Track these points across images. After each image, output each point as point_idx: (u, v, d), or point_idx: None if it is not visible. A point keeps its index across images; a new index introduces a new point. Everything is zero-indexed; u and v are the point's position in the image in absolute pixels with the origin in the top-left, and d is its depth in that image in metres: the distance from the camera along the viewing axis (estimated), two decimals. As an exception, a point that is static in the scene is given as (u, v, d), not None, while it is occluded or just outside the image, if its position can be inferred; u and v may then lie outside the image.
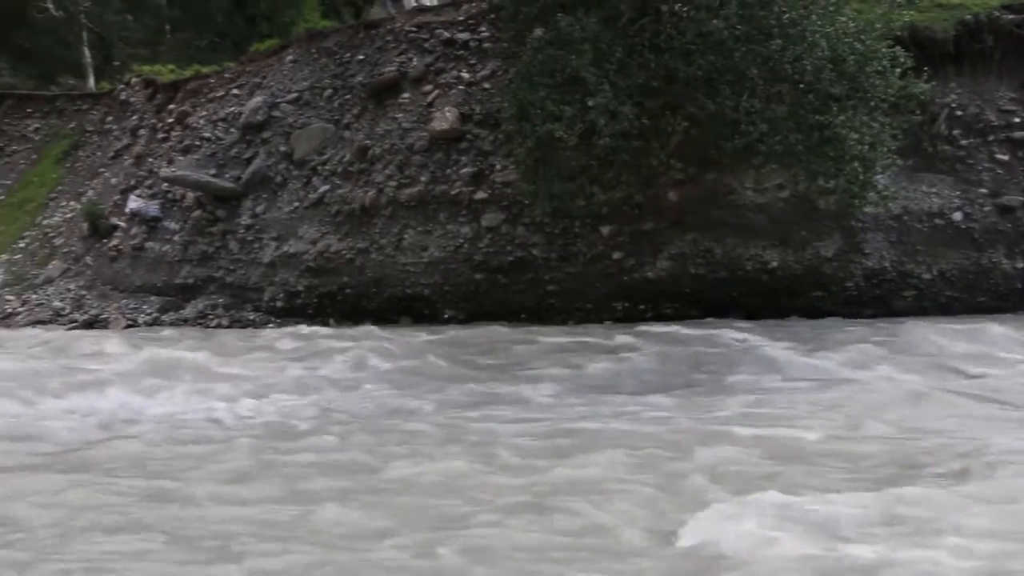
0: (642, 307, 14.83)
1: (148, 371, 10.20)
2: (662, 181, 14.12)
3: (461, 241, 15.19)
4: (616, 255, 14.69)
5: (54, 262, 20.74)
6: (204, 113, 19.10)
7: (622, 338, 11.74)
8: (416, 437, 7.09)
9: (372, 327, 14.37)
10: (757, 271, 14.38)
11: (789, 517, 4.24)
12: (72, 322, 18.79)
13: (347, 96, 17.02)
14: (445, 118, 15.38)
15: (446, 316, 15.42)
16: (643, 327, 12.78)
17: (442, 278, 15.38)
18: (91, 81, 29.04)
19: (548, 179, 13.61)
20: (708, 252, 14.48)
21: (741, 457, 5.87)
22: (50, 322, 19.10)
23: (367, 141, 16.22)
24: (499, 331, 13.21)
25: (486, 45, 15.82)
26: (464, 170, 15.23)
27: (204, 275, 17.94)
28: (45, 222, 22.03)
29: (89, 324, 18.20)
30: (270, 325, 16.42)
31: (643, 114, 13.10)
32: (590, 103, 12.71)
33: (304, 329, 14.80)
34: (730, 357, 10.57)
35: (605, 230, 14.60)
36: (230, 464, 6.36)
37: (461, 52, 15.96)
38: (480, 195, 15.09)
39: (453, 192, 15.25)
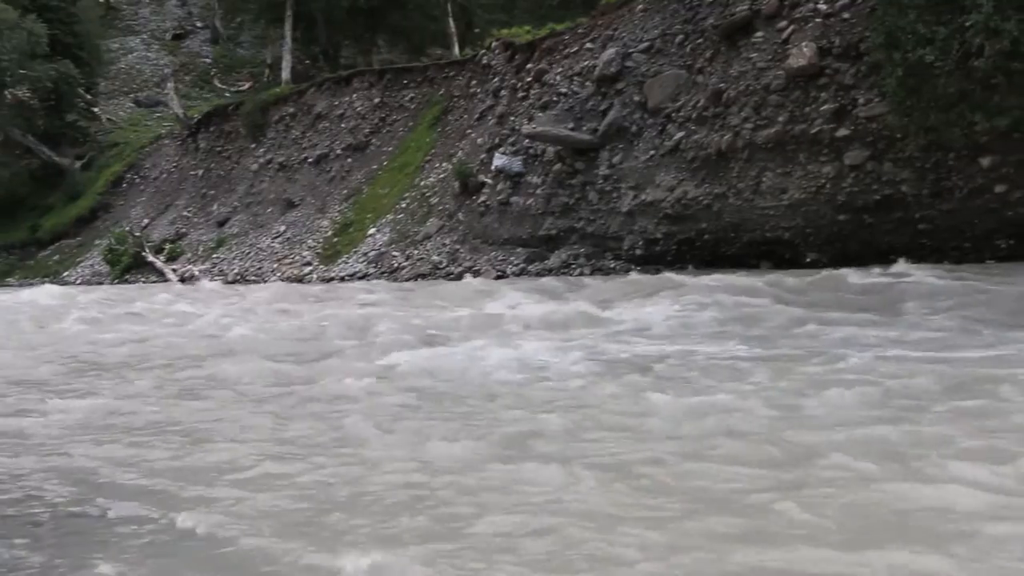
0: (1031, 244, 13.50)
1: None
2: (1054, 103, 12.68)
3: (823, 181, 14.61)
4: (998, 188, 13.42)
5: (431, 219, 22.57)
6: (560, 69, 19.80)
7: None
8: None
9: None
10: None
11: None
12: (448, 274, 20.41)
13: (699, 40, 16.89)
14: (802, 54, 14.77)
15: (808, 260, 14.96)
16: None
17: (803, 220, 14.91)
18: (456, 49, 31.07)
19: (921, 110, 12.70)
20: (1113, 180, 12.85)
21: None
22: (429, 275, 20.87)
23: (721, 84, 16.01)
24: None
25: (845, -28, 14.95)
26: (824, 107, 14.56)
27: (566, 226, 18.71)
28: (422, 183, 24.01)
29: (462, 275, 19.64)
30: (631, 272, 16.82)
31: (1031, 29, 11.82)
32: (967, 22, 11.65)
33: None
34: None
35: (985, 161, 13.37)
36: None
37: (818, -18, 15.21)
38: (842, 132, 14.37)
39: (813, 131, 14.65)
